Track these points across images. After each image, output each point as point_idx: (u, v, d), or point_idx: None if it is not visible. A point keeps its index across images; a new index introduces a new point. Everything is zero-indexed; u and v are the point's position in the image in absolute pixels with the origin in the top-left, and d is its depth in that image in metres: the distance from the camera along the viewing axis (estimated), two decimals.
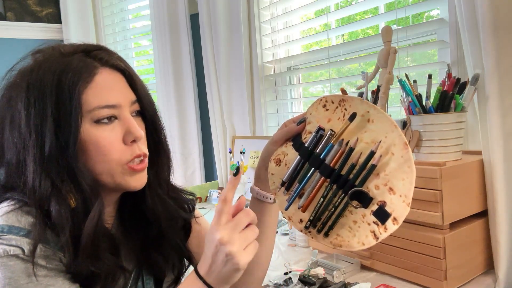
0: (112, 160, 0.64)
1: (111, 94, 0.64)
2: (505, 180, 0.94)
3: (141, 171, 0.67)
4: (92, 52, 0.66)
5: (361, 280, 1.01)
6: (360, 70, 1.65)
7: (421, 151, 0.99)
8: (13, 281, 0.56)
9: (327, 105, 0.68)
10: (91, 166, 0.63)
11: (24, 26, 2.58)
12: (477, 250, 0.98)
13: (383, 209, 0.58)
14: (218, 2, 1.90)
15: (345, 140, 0.64)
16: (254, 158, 1.88)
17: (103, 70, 0.65)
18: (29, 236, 0.58)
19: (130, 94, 0.67)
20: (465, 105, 0.97)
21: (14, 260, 0.57)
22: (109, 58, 0.66)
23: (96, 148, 0.63)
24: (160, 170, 0.74)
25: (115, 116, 0.65)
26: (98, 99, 0.63)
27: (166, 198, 0.75)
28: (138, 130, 0.65)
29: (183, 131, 2.26)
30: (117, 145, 0.64)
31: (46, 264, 0.59)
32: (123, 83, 0.67)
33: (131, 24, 2.68)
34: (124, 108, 0.66)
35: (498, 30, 0.91)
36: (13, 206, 0.61)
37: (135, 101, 0.68)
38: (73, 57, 0.64)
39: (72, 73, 0.62)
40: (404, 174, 0.58)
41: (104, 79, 0.64)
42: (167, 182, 0.77)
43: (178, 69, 2.23)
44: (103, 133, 0.63)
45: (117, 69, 0.67)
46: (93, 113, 0.62)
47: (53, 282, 0.59)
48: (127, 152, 0.65)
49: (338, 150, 0.63)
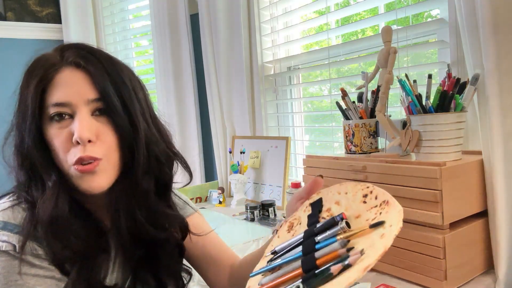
0: (63, 160, 0.64)
1: (64, 92, 0.64)
2: (505, 180, 0.94)
3: (85, 172, 0.63)
4: (65, 50, 0.67)
5: (361, 280, 1.01)
6: (360, 70, 1.65)
7: (421, 151, 0.99)
8: (3, 277, 0.57)
9: (368, 198, 0.57)
10: (52, 161, 0.65)
11: (24, 26, 2.58)
12: (477, 250, 0.98)
13: None
14: (218, 2, 1.90)
15: (352, 243, 0.52)
16: (254, 158, 1.88)
17: (66, 69, 0.65)
18: (22, 233, 0.59)
19: (89, 92, 0.64)
20: (465, 105, 0.97)
21: (5, 256, 0.57)
22: (72, 56, 0.66)
23: (52, 146, 0.65)
24: (135, 181, 0.67)
25: (69, 115, 0.64)
26: (52, 97, 0.64)
27: (138, 217, 0.68)
28: (80, 131, 0.62)
29: (183, 131, 2.26)
30: (66, 145, 0.63)
31: (37, 263, 0.59)
32: (83, 81, 0.65)
33: (131, 24, 2.68)
34: (78, 107, 0.63)
35: (498, 30, 0.91)
36: (11, 202, 0.62)
37: (94, 100, 0.64)
38: (48, 56, 0.67)
39: (37, 71, 0.64)
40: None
41: (63, 77, 0.64)
42: (147, 196, 0.69)
43: (178, 69, 2.23)
44: (55, 131, 0.64)
45: (79, 67, 0.65)
46: (47, 110, 0.64)
47: (41, 283, 0.59)
48: (73, 153, 0.63)
49: (335, 249, 0.51)
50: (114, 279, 0.71)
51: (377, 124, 1.17)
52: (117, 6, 2.68)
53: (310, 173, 1.22)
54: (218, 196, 1.90)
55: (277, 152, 1.78)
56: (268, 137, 1.87)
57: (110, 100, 0.65)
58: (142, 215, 0.68)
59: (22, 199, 0.63)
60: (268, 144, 1.84)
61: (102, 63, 0.66)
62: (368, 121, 1.17)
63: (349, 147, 1.20)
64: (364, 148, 1.17)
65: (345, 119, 1.22)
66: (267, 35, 1.88)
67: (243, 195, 1.84)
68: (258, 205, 1.61)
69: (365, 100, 1.21)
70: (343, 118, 1.23)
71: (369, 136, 1.17)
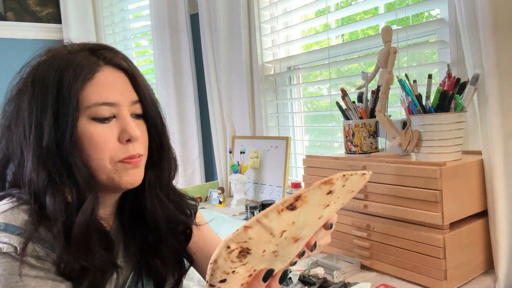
0: (105, 158, 0.64)
1: (110, 92, 0.64)
2: (505, 180, 0.94)
3: (134, 165, 0.66)
4: (98, 51, 0.67)
5: (361, 280, 1.01)
6: (360, 70, 1.65)
7: (421, 151, 0.99)
8: (4, 278, 0.57)
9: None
10: (87, 162, 0.64)
11: (24, 26, 2.58)
12: (477, 250, 0.98)
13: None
14: (218, 2, 1.90)
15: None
16: (254, 158, 1.88)
17: (106, 69, 0.65)
18: (23, 234, 0.58)
19: (131, 94, 0.67)
20: (465, 105, 0.97)
21: (6, 258, 0.57)
22: (112, 57, 0.67)
23: (90, 144, 0.63)
24: (161, 173, 0.74)
25: (114, 115, 0.65)
26: (96, 96, 0.63)
27: (166, 201, 0.75)
28: (133, 129, 0.65)
29: (183, 131, 2.26)
30: (111, 143, 0.64)
31: (38, 265, 0.59)
32: (125, 82, 0.67)
33: (131, 24, 2.68)
34: (123, 107, 0.66)
35: (498, 30, 0.91)
36: (11, 204, 0.61)
37: (136, 102, 0.68)
38: (78, 55, 0.65)
39: (74, 69, 0.63)
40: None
41: (105, 77, 0.65)
42: (168, 185, 0.77)
43: (178, 69, 2.23)
44: (99, 130, 0.63)
45: (120, 69, 0.67)
46: (90, 109, 0.63)
47: (42, 284, 0.59)
48: (120, 150, 0.65)
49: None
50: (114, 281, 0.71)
51: (377, 124, 1.17)
52: (117, 6, 2.68)
53: (310, 173, 1.22)
54: (218, 196, 1.90)
55: (277, 152, 1.78)
56: (268, 137, 1.87)
57: (148, 103, 0.70)
58: (170, 203, 0.76)
59: (22, 201, 0.62)
60: (268, 144, 1.84)
61: (135, 67, 0.70)
62: (368, 121, 1.17)
63: (349, 147, 1.20)
64: (364, 148, 1.17)
65: (345, 119, 1.22)
66: (267, 35, 1.88)
67: (243, 195, 1.84)
68: (258, 205, 1.61)
69: (365, 100, 1.21)
70: (343, 118, 1.23)
71: (369, 136, 1.17)
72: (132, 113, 0.68)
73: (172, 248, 0.77)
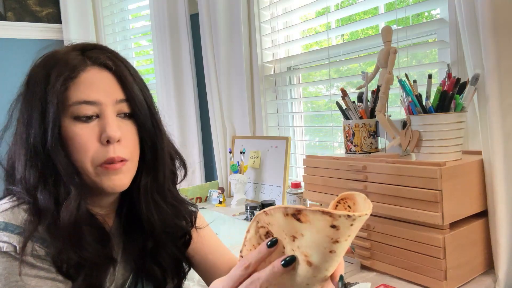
0: (87, 160, 0.63)
1: (92, 91, 0.64)
2: (505, 180, 0.94)
3: (114, 170, 0.64)
4: (87, 50, 0.67)
5: (361, 280, 1.01)
6: (360, 70, 1.65)
7: (421, 151, 0.99)
8: (3, 277, 0.57)
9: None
10: (72, 161, 0.64)
11: (24, 26, 2.58)
12: (477, 250, 0.98)
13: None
14: (218, 2, 1.90)
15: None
16: (254, 158, 1.88)
17: (91, 68, 0.65)
18: (23, 234, 0.58)
19: (117, 93, 0.66)
20: (465, 105, 0.97)
21: (6, 257, 0.57)
22: (98, 56, 0.66)
23: (72, 145, 0.63)
24: (157, 176, 0.72)
25: (97, 114, 0.64)
26: (78, 95, 0.63)
27: (163, 206, 0.73)
28: (112, 129, 0.63)
29: (183, 131, 2.26)
30: (92, 144, 0.63)
31: (37, 264, 0.59)
32: (111, 81, 0.66)
33: (131, 24, 2.68)
34: (106, 106, 0.64)
35: (498, 30, 0.91)
36: (12, 203, 0.62)
37: (122, 100, 0.66)
38: (68, 55, 0.66)
39: (60, 68, 0.63)
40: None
41: (89, 77, 0.64)
42: (166, 188, 0.74)
43: (178, 69, 2.23)
44: (80, 130, 0.63)
45: (106, 68, 0.66)
46: (72, 108, 0.63)
47: (42, 283, 0.59)
48: (100, 152, 0.64)
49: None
50: (114, 281, 0.71)
51: (377, 124, 1.17)
52: (117, 6, 2.68)
53: (310, 173, 1.22)
54: (218, 196, 1.90)
55: (277, 152, 1.78)
56: (268, 137, 1.87)
57: (137, 102, 0.67)
58: (168, 207, 0.74)
59: (22, 200, 0.62)
60: (268, 144, 1.84)
61: (126, 66, 0.68)
62: (368, 121, 1.17)
63: (349, 147, 1.20)
64: (364, 148, 1.17)
65: (345, 119, 1.22)
66: (267, 35, 1.88)
67: (243, 195, 1.84)
68: (258, 205, 1.61)
69: (365, 100, 1.21)
70: (343, 118, 1.23)
71: (369, 136, 1.17)
72: (120, 112, 0.67)
73: (171, 253, 0.76)
